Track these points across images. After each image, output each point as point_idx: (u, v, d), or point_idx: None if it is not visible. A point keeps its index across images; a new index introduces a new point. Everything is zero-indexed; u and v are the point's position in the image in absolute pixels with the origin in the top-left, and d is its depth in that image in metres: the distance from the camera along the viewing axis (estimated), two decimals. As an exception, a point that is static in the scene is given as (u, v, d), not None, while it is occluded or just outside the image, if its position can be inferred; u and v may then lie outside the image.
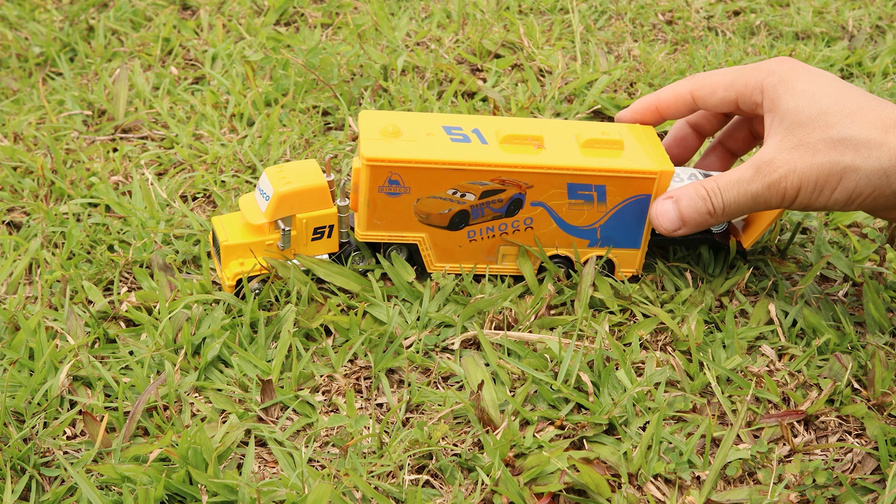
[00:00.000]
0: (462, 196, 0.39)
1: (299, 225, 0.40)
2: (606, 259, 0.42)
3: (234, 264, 0.41)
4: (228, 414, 0.37)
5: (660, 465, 0.35)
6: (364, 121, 0.40)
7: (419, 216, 0.40)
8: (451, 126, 0.40)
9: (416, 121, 0.41)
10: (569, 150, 0.40)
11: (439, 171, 0.38)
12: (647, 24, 0.68)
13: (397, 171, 0.38)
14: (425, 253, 0.41)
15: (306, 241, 0.41)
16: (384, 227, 0.40)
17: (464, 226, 0.40)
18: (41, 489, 0.34)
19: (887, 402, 0.38)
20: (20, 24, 0.65)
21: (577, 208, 0.40)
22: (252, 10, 0.68)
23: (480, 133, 0.40)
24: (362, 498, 0.33)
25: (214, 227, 0.42)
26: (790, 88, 0.37)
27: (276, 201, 0.40)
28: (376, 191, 0.39)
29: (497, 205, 0.39)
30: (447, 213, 0.40)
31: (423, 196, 0.39)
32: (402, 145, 0.39)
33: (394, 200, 0.39)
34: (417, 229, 0.40)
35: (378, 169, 0.38)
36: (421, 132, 0.40)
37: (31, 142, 0.54)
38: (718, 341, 0.40)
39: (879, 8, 0.69)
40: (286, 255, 0.41)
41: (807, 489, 0.34)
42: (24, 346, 0.39)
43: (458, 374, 0.39)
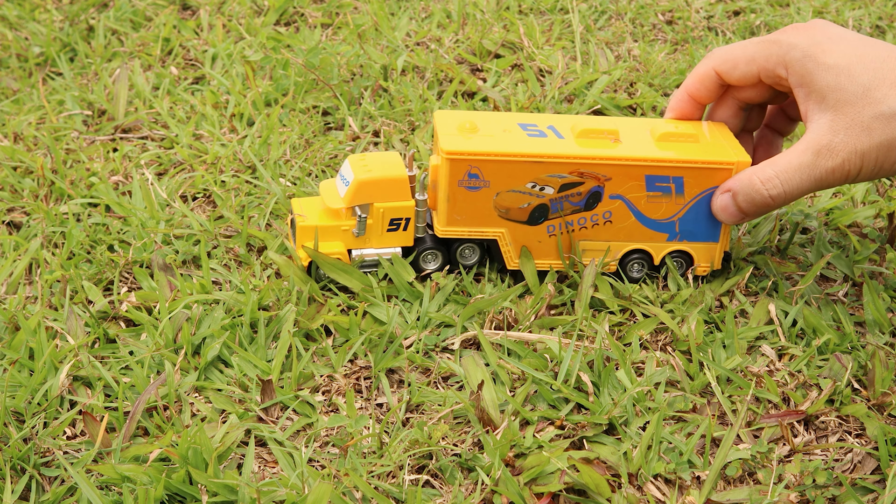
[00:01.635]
0: (541, 189, 0.39)
1: (376, 214, 0.40)
2: (684, 253, 0.41)
3: (308, 246, 0.41)
4: (228, 414, 0.37)
5: (660, 465, 0.35)
6: (440, 119, 0.41)
7: (499, 211, 0.40)
8: (526, 123, 0.41)
9: (491, 119, 0.41)
10: (645, 143, 0.40)
11: (518, 164, 0.39)
12: (647, 24, 0.68)
13: (477, 165, 0.38)
14: (505, 249, 0.41)
15: (381, 232, 0.41)
16: (464, 223, 0.40)
17: (543, 220, 0.40)
18: (41, 489, 0.34)
19: (887, 402, 0.38)
20: (20, 24, 0.65)
21: (656, 201, 0.40)
22: (252, 10, 0.68)
23: (556, 129, 0.41)
24: (362, 498, 0.33)
25: (293, 207, 0.42)
26: (819, 63, 0.37)
27: (356, 188, 0.40)
28: (456, 185, 0.39)
29: (576, 198, 0.39)
30: (526, 207, 0.40)
31: (503, 190, 0.39)
32: (480, 139, 0.39)
33: (473, 195, 0.39)
34: (497, 224, 0.40)
35: (458, 162, 0.38)
36: (497, 128, 0.40)
37: (31, 142, 0.54)
38: (718, 341, 0.40)
39: (879, 8, 0.69)
40: (360, 243, 0.41)
41: (807, 489, 0.34)
42: (24, 346, 0.39)
43: (458, 374, 0.39)
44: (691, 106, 0.42)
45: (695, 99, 0.42)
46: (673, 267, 0.41)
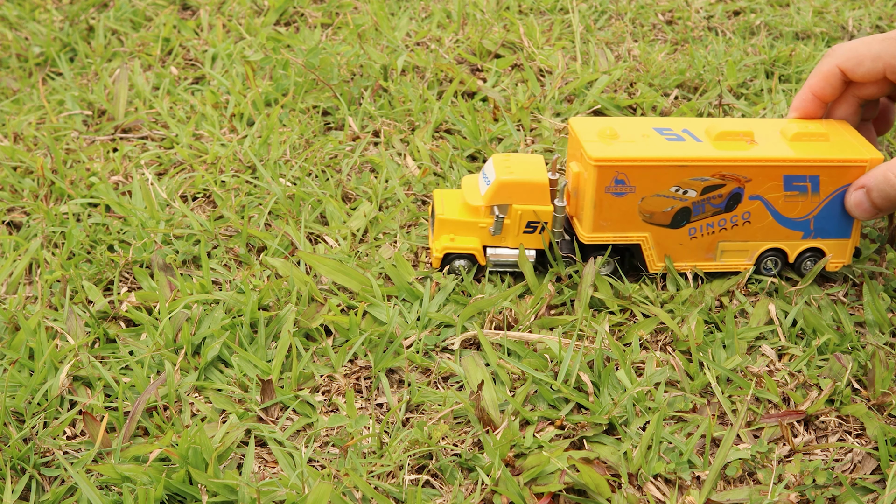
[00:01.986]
0: (684, 193, 0.40)
1: (514, 215, 0.41)
2: (817, 250, 0.42)
3: (444, 238, 0.42)
4: (228, 414, 0.37)
5: (660, 465, 0.35)
6: (578, 126, 0.42)
7: (643, 215, 0.41)
8: (661, 127, 0.42)
9: (627, 124, 0.42)
10: (779, 144, 0.41)
11: (663, 169, 0.40)
12: (647, 24, 0.68)
13: (623, 171, 0.39)
14: (648, 253, 0.42)
15: (517, 233, 0.42)
16: (610, 228, 0.41)
17: (685, 223, 0.41)
18: (41, 489, 0.34)
19: (887, 402, 0.38)
20: (20, 24, 0.65)
21: (792, 200, 0.41)
22: (252, 10, 0.68)
23: (691, 132, 0.42)
24: (362, 498, 0.33)
25: (434, 199, 0.43)
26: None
27: (496, 188, 0.41)
28: (603, 191, 0.40)
29: (717, 200, 0.40)
30: (670, 210, 0.41)
31: (648, 195, 0.40)
32: (623, 146, 0.40)
33: (619, 200, 0.40)
34: (641, 229, 0.41)
35: (605, 169, 0.40)
36: (636, 134, 0.41)
37: (31, 142, 0.54)
38: (718, 341, 0.40)
39: (879, 8, 0.69)
40: (496, 241, 0.42)
41: (807, 489, 0.34)
42: (24, 346, 0.39)
43: (458, 374, 0.39)
44: (815, 105, 0.43)
45: (818, 97, 0.43)
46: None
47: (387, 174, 0.51)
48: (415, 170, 0.52)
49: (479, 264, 0.42)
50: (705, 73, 0.60)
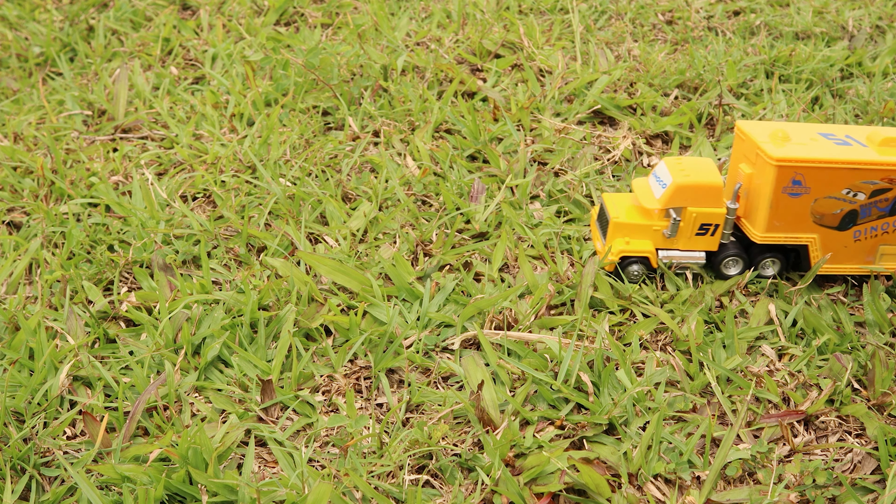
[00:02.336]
0: (854, 195, 0.41)
1: (688, 218, 0.42)
2: None
3: (619, 241, 0.43)
4: (228, 414, 0.37)
5: (660, 465, 0.35)
6: (749, 128, 0.43)
7: (814, 217, 0.42)
8: (826, 132, 0.43)
9: (796, 129, 0.43)
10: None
11: (838, 171, 0.41)
12: (647, 24, 0.68)
13: (801, 172, 0.40)
14: (814, 254, 0.42)
15: (690, 235, 0.42)
16: (782, 229, 0.42)
17: (851, 226, 0.42)
18: (41, 489, 0.34)
19: (887, 402, 0.38)
20: (20, 24, 0.66)
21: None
22: (252, 10, 0.68)
23: (853, 138, 0.42)
24: (362, 498, 0.33)
25: (605, 202, 0.44)
26: None
27: (673, 191, 0.42)
28: (780, 191, 0.41)
29: (883, 204, 0.41)
30: (839, 213, 0.42)
31: (821, 196, 0.41)
32: (798, 147, 0.41)
33: (794, 201, 0.41)
34: (810, 230, 0.42)
35: (785, 169, 0.41)
36: (805, 137, 0.42)
37: (31, 142, 0.54)
38: (718, 341, 0.40)
39: (879, 8, 0.69)
40: (668, 244, 0.42)
41: (807, 489, 0.34)
42: (24, 346, 0.39)
43: (458, 374, 0.39)
44: None
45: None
46: None
47: (387, 174, 0.51)
48: (415, 170, 0.52)
49: (652, 267, 0.43)
50: (705, 72, 0.60)
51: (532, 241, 0.46)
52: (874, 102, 0.57)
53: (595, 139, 0.54)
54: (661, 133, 0.56)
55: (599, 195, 0.46)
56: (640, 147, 0.45)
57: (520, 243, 0.45)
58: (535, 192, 0.50)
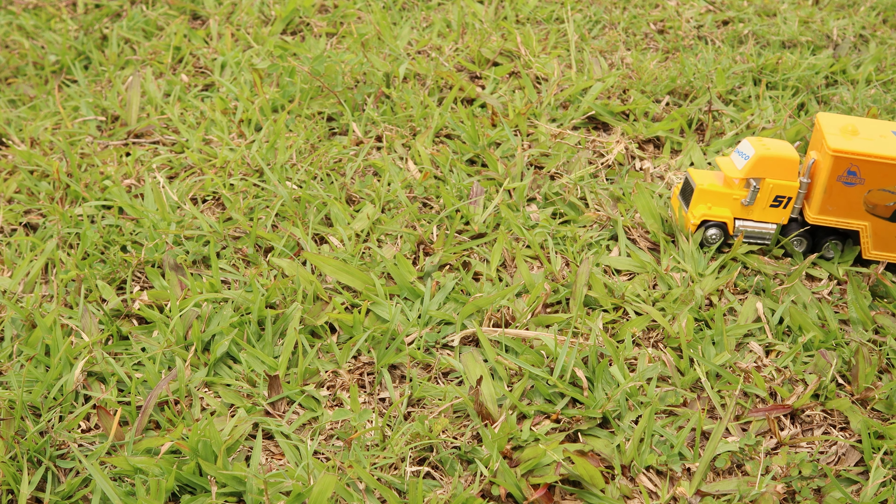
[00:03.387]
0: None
1: (765, 188, 0.45)
2: None
3: (702, 206, 0.46)
4: (237, 408, 0.38)
5: (652, 457, 0.36)
6: (824, 120, 0.45)
7: (866, 206, 0.44)
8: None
9: (870, 125, 0.46)
10: None
11: (893, 167, 0.43)
12: (639, 33, 0.69)
13: (857, 164, 0.43)
14: (864, 241, 0.45)
15: (765, 206, 0.46)
16: (834, 213, 0.45)
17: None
18: (57, 480, 0.35)
19: (870, 396, 0.39)
20: (37, 34, 0.67)
21: None
22: (260, 19, 0.69)
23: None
24: (365, 489, 0.34)
25: (691, 175, 0.47)
26: None
27: (756, 161, 0.45)
28: (835, 179, 0.44)
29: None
30: (892, 205, 0.44)
31: (874, 188, 0.44)
32: (861, 142, 0.44)
33: (848, 190, 0.44)
34: (862, 218, 0.45)
35: (841, 160, 0.44)
36: (875, 133, 0.45)
37: (47, 146, 0.55)
38: (708, 338, 0.41)
39: (863, 18, 0.71)
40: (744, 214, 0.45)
41: (793, 480, 0.35)
42: (40, 342, 0.40)
43: (457, 369, 0.40)
44: None
45: None
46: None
47: (389, 177, 0.52)
48: (416, 173, 0.53)
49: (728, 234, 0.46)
50: (695, 80, 0.61)
51: (529, 241, 0.47)
52: (858, 109, 0.59)
53: (589, 144, 0.56)
54: (653, 138, 0.57)
55: (685, 172, 0.49)
56: (632, 151, 0.46)
57: (517, 244, 0.46)
58: (531, 195, 0.51)
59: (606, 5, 0.72)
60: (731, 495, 0.35)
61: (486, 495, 0.35)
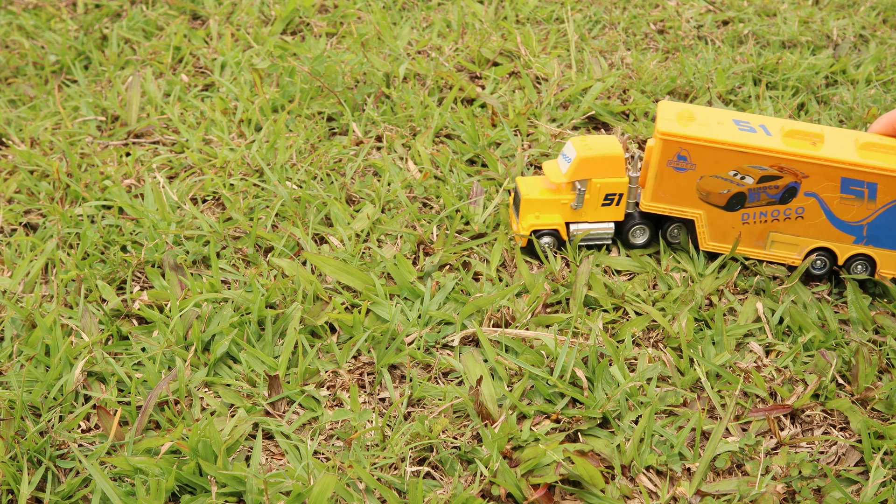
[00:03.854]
0: (742, 178, 0.42)
1: (593, 189, 0.44)
2: (868, 257, 0.43)
3: (530, 217, 0.45)
4: (237, 408, 0.38)
5: (652, 457, 0.36)
6: (663, 107, 0.44)
7: (700, 193, 0.43)
8: (740, 120, 0.44)
9: (709, 112, 0.44)
10: (846, 149, 0.42)
11: (724, 152, 0.42)
12: (639, 33, 0.69)
13: (686, 148, 0.42)
14: (700, 230, 0.43)
15: (596, 206, 0.45)
16: (667, 200, 0.43)
17: (739, 207, 0.42)
18: (57, 480, 0.35)
19: (870, 396, 0.39)
20: (37, 34, 0.67)
21: (847, 203, 0.42)
22: (260, 19, 0.69)
23: (766, 128, 0.43)
24: (366, 489, 0.35)
25: (518, 184, 0.46)
26: None
27: (578, 163, 0.44)
28: (665, 164, 0.42)
29: (773, 191, 0.42)
30: (726, 193, 0.42)
31: (707, 174, 0.42)
32: (694, 127, 0.43)
33: (679, 175, 0.42)
34: (696, 206, 0.43)
35: (670, 143, 0.42)
36: (713, 121, 0.43)
37: (47, 146, 0.55)
38: (708, 338, 0.41)
39: (863, 18, 0.70)
40: (577, 217, 0.45)
41: (793, 480, 0.35)
42: (40, 342, 0.40)
43: (457, 369, 0.40)
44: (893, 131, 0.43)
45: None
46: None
47: (389, 177, 0.52)
48: (416, 173, 0.53)
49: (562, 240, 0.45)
50: (695, 80, 0.61)
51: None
52: (858, 108, 0.59)
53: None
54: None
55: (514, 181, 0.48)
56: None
57: (517, 244, 0.46)
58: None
59: (606, 5, 0.72)
60: (731, 495, 0.35)
61: (486, 495, 0.35)
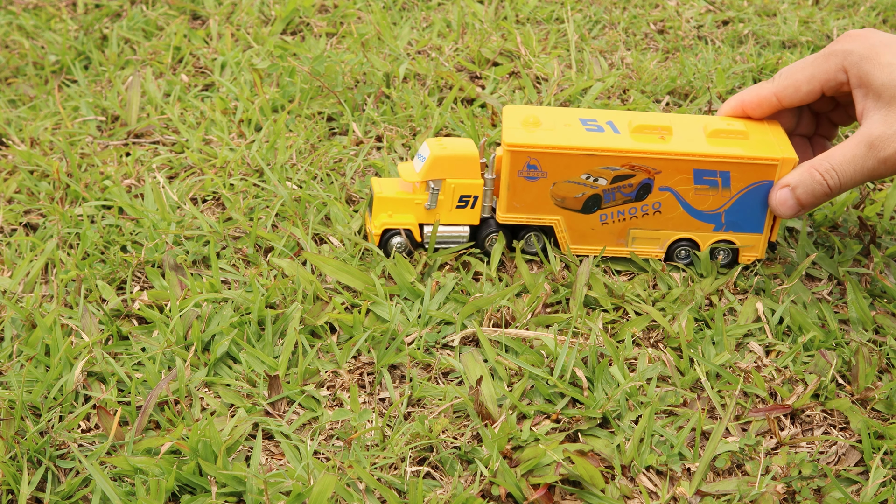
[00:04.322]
0: (595, 181, 0.42)
1: (447, 189, 0.43)
2: (730, 243, 0.44)
3: (382, 216, 0.44)
4: (237, 408, 0.38)
5: (652, 457, 0.36)
6: (507, 113, 0.44)
7: (555, 199, 0.42)
8: (586, 118, 0.44)
9: (554, 114, 0.44)
10: (695, 139, 0.43)
11: (574, 157, 0.41)
12: (639, 33, 0.69)
13: (535, 156, 0.41)
14: (560, 235, 0.43)
15: (451, 207, 0.44)
16: (523, 210, 0.43)
17: (596, 209, 0.43)
18: (57, 480, 0.35)
19: (870, 396, 0.39)
20: (36, 34, 0.67)
21: (703, 193, 0.42)
22: (259, 19, 0.70)
23: (614, 124, 0.43)
24: (365, 489, 0.35)
25: (372, 184, 0.45)
26: (876, 63, 0.39)
27: (431, 162, 0.43)
28: (516, 175, 0.42)
29: (627, 189, 0.42)
30: (581, 196, 0.42)
31: (559, 180, 0.42)
32: (540, 133, 0.42)
33: (532, 184, 0.42)
34: (553, 212, 0.43)
35: (518, 154, 0.42)
36: (559, 123, 0.43)
37: (47, 146, 0.55)
38: (708, 338, 0.41)
39: (863, 18, 0.71)
40: (431, 218, 0.44)
41: (793, 480, 0.35)
42: (40, 342, 0.40)
43: (457, 369, 0.40)
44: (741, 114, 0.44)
45: (748, 114, 0.44)
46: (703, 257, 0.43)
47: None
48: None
49: (416, 241, 0.44)
50: (695, 80, 0.61)
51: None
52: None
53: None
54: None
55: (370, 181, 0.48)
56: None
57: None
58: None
59: (606, 5, 0.72)
60: (731, 495, 0.35)
61: (486, 495, 0.35)
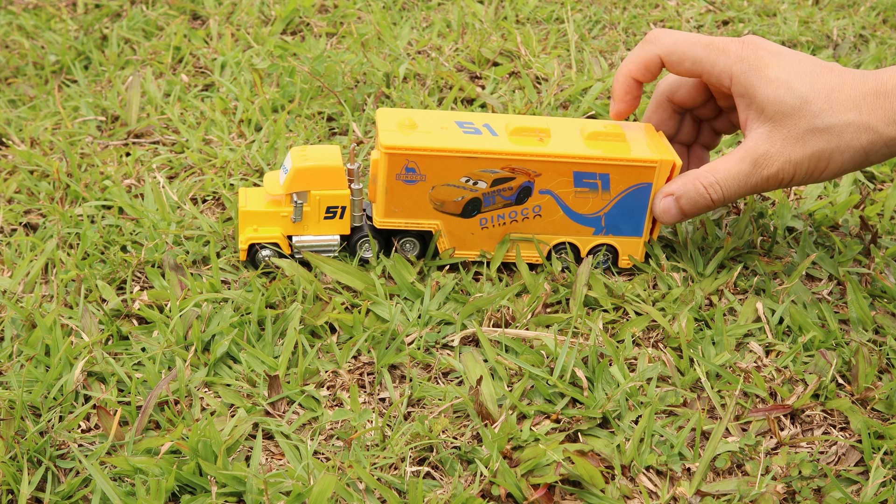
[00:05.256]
0: (475, 184, 0.41)
1: (313, 201, 0.43)
2: (610, 246, 0.44)
3: (248, 230, 0.44)
4: (237, 408, 0.38)
5: (652, 457, 0.36)
6: (382, 116, 0.43)
7: (434, 203, 0.42)
8: (463, 121, 0.43)
9: (430, 116, 0.44)
10: (574, 141, 0.43)
11: (452, 159, 0.41)
12: (639, 33, 0.69)
13: (413, 159, 0.40)
14: (440, 240, 0.43)
15: (318, 219, 0.43)
16: (401, 215, 0.42)
17: (476, 213, 0.42)
18: (57, 480, 0.35)
19: (870, 396, 0.39)
20: (37, 34, 0.67)
21: (583, 196, 0.42)
22: (260, 19, 0.70)
23: (491, 127, 0.43)
24: (365, 489, 0.35)
25: (239, 195, 0.44)
26: (763, 77, 0.40)
27: (293, 175, 0.42)
28: (394, 178, 0.41)
29: (507, 192, 0.41)
30: (460, 200, 0.42)
31: (438, 184, 0.41)
32: (417, 136, 0.41)
33: (410, 188, 0.41)
34: (433, 217, 0.42)
35: (395, 157, 0.41)
36: (435, 126, 0.43)
37: (47, 146, 0.55)
38: (708, 338, 0.41)
39: (863, 18, 0.71)
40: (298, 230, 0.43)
41: (793, 480, 0.35)
42: (40, 342, 0.40)
43: (457, 369, 0.40)
44: (636, 87, 0.44)
45: (638, 81, 0.44)
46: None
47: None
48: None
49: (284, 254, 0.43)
50: None
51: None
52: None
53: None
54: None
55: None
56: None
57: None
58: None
59: (606, 5, 0.72)
60: (731, 495, 0.35)
61: (486, 495, 0.35)
